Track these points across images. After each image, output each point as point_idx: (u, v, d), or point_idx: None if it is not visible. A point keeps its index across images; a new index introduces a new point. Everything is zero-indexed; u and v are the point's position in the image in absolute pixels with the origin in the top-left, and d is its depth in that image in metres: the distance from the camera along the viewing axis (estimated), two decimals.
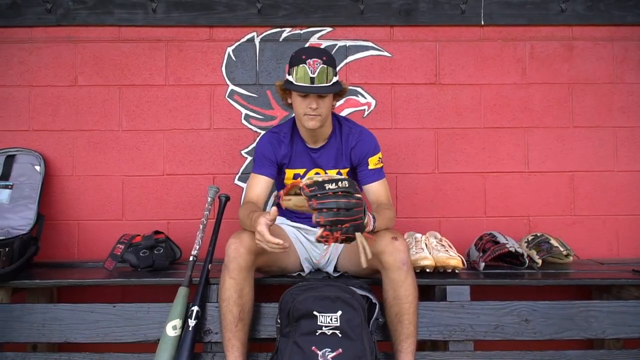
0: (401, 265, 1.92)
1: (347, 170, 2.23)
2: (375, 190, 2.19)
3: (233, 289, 1.95)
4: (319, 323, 1.87)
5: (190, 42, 2.76)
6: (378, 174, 2.20)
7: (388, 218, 2.04)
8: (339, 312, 1.88)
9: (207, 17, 2.74)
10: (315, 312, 1.88)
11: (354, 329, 1.88)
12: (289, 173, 2.24)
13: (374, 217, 1.90)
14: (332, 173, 2.21)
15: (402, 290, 1.93)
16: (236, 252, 1.93)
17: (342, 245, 2.20)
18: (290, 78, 2.05)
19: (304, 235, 2.29)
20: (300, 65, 2.01)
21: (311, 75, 1.99)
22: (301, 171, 2.23)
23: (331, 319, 1.87)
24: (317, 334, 1.87)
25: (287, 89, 2.08)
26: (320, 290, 1.94)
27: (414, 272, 1.99)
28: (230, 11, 2.74)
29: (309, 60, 2.00)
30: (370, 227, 1.84)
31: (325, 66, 2.01)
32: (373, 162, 2.19)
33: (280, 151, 2.22)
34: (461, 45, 2.80)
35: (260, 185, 2.19)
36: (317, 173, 2.21)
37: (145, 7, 2.73)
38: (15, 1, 2.71)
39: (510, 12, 2.78)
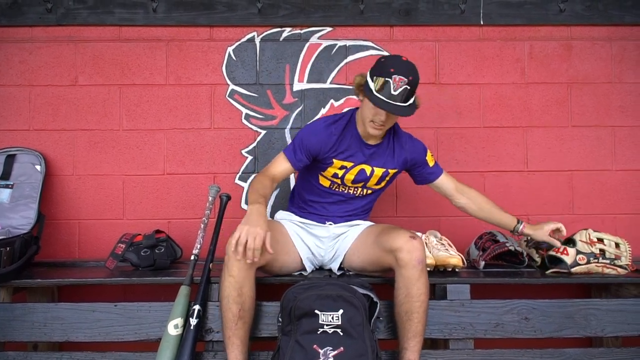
0: (417, 263, 1.94)
1: (395, 170, 2.27)
2: (447, 180, 2.35)
3: (232, 287, 1.95)
4: (320, 322, 1.87)
5: (190, 42, 2.77)
6: (439, 167, 2.35)
7: (485, 198, 2.37)
8: (341, 311, 1.89)
9: (208, 16, 2.75)
10: (316, 311, 1.88)
11: (355, 327, 1.88)
12: (337, 163, 2.21)
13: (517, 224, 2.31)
14: (379, 172, 2.23)
15: (414, 289, 1.95)
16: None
17: (352, 239, 2.25)
18: (371, 85, 2.02)
19: (308, 231, 2.30)
20: (385, 79, 1.98)
21: (392, 92, 1.98)
22: (349, 164, 2.21)
23: (332, 318, 1.87)
24: (318, 332, 1.87)
25: (365, 95, 2.07)
26: (322, 289, 1.95)
27: (427, 273, 2.01)
28: (230, 11, 2.75)
29: (395, 76, 1.98)
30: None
31: (408, 87, 1.99)
32: (430, 159, 2.31)
33: (328, 144, 2.19)
34: (460, 45, 2.81)
35: (284, 168, 2.20)
36: (362, 169, 2.22)
37: (146, 6, 2.73)
38: (15, 0, 2.71)
39: (509, 12, 2.79)
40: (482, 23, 2.79)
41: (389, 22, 2.78)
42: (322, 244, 2.30)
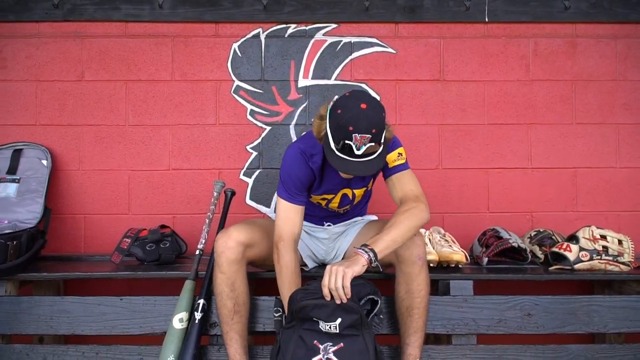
0: (416, 259, 1.94)
1: (372, 181, 2.18)
2: (392, 183, 2.02)
3: (224, 283, 1.98)
4: (320, 327, 1.84)
5: (196, 38, 2.78)
6: (396, 169, 2.02)
7: (399, 226, 1.86)
8: (339, 320, 1.82)
9: (213, 12, 2.75)
10: (315, 319, 1.84)
11: (355, 326, 1.83)
12: (316, 198, 2.15)
13: (368, 252, 1.79)
14: (360, 192, 2.15)
15: (414, 285, 1.95)
16: (224, 246, 1.96)
17: (352, 238, 2.25)
18: (331, 143, 1.83)
19: (307, 233, 2.30)
20: (345, 142, 1.78)
21: (355, 152, 1.80)
22: (330, 196, 2.13)
23: (331, 327, 1.82)
24: (318, 332, 1.85)
25: (326, 150, 1.87)
26: (320, 298, 1.83)
27: (428, 268, 2.01)
28: (236, 7, 2.76)
29: (356, 135, 1.77)
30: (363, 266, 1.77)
31: (372, 143, 1.80)
32: (391, 160, 2.01)
33: (310, 180, 2.05)
34: (465, 42, 2.81)
35: (298, 217, 2.03)
36: (344, 194, 2.13)
37: (152, 2, 2.74)
38: None
39: (514, 9, 2.79)
40: (487, 20, 2.79)
41: (394, 19, 2.78)
42: (323, 244, 2.31)
